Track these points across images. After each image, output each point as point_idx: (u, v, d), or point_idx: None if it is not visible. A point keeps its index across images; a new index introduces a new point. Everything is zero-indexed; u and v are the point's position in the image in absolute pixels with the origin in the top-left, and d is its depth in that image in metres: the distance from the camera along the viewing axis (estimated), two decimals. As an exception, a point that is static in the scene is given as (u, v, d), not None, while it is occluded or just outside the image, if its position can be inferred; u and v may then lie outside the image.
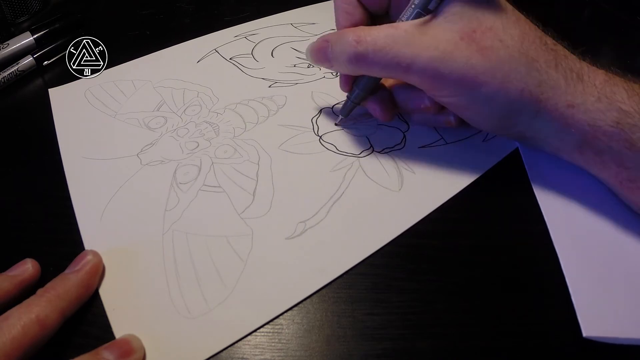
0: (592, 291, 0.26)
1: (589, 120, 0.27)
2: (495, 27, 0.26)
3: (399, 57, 0.27)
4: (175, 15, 0.47)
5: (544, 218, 0.29)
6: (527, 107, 0.27)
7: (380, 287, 0.26)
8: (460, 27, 0.26)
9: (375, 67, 0.28)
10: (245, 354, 0.23)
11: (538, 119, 0.28)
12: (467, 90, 0.27)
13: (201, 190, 0.30)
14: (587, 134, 0.27)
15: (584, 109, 0.27)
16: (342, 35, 0.29)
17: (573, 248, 0.28)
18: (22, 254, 0.25)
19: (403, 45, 0.27)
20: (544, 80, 0.27)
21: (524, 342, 0.24)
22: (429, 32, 0.27)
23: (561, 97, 0.27)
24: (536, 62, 0.27)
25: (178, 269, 0.26)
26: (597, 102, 0.26)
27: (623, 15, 0.49)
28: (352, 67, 0.29)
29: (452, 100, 0.29)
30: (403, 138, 0.34)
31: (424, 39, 0.27)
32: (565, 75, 0.27)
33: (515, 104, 0.27)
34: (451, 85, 0.27)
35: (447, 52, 0.26)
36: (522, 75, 0.26)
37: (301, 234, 0.28)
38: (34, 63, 0.40)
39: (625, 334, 0.24)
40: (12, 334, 0.21)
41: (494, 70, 0.26)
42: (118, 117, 0.35)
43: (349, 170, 0.32)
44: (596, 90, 0.27)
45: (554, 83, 0.27)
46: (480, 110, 0.28)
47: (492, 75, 0.26)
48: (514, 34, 0.27)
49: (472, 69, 0.26)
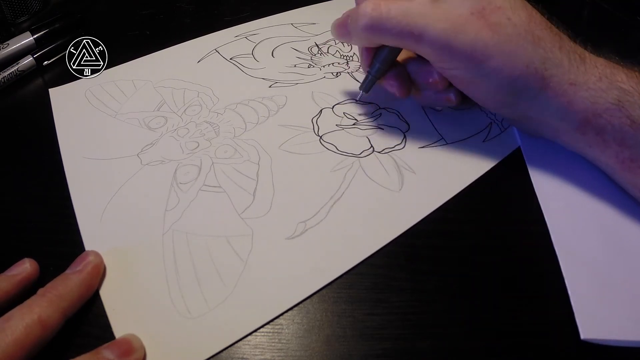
0: (590, 293, 0.26)
1: (591, 98, 0.27)
2: (503, 6, 0.28)
3: (412, 26, 0.28)
4: (175, 15, 0.47)
5: (544, 218, 0.29)
6: (531, 82, 0.28)
7: (380, 287, 0.26)
8: (471, 3, 0.28)
9: (389, 34, 0.29)
10: (245, 354, 0.23)
11: (541, 96, 0.28)
12: (476, 63, 0.28)
13: (201, 191, 0.30)
14: (588, 111, 0.28)
15: (585, 88, 0.28)
16: (360, 6, 0.30)
17: (573, 249, 0.28)
18: (22, 254, 0.25)
19: (416, 15, 0.28)
20: (549, 58, 0.28)
21: (523, 342, 0.24)
22: (441, 6, 0.28)
23: (564, 76, 0.28)
24: (542, 41, 0.28)
25: (178, 269, 0.26)
26: (599, 82, 0.28)
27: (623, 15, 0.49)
28: (368, 34, 0.30)
29: (460, 74, 0.30)
30: (403, 138, 0.34)
31: (437, 12, 0.28)
32: (568, 56, 0.28)
33: (520, 79, 0.28)
34: (460, 57, 0.28)
35: (458, 25, 0.27)
36: (528, 52, 0.27)
37: (301, 234, 0.28)
38: (34, 63, 0.40)
39: (623, 336, 0.24)
40: (15, 335, 0.21)
41: (501, 45, 0.27)
42: (118, 117, 0.35)
43: (349, 171, 0.32)
44: (597, 70, 0.28)
45: (558, 62, 0.28)
46: (486, 85, 0.29)
47: (500, 50, 0.27)
48: (521, 14, 0.28)
49: (482, 42, 0.27)
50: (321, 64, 0.41)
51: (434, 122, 0.35)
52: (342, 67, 0.40)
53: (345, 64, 0.41)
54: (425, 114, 0.36)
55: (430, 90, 0.33)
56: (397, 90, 0.33)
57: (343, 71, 0.40)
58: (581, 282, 0.26)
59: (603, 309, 0.25)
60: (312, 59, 0.41)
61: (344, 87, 0.38)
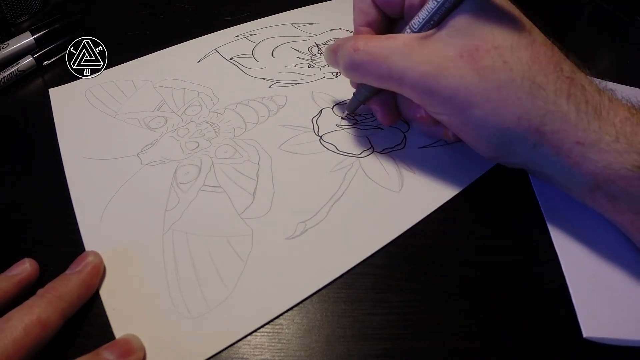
0: (592, 292, 0.26)
1: (603, 161, 0.24)
2: (502, 46, 0.24)
3: (392, 70, 0.26)
4: (175, 15, 0.47)
5: (544, 218, 0.29)
6: (524, 137, 0.25)
7: (380, 287, 0.26)
8: (463, 43, 0.25)
9: (369, 76, 0.28)
10: (245, 354, 0.23)
11: (539, 152, 0.25)
12: (459, 110, 0.26)
13: (201, 190, 0.30)
14: (599, 176, 0.24)
15: (597, 149, 0.24)
16: (345, 41, 0.29)
17: (573, 248, 0.28)
18: (22, 254, 0.25)
19: (398, 57, 0.26)
20: (550, 111, 0.24)
21: (524, 342, 0.24)
22: (428, 47, 0.26)
23: (570, 132, 0.24)
24: (543, 90, 0.24)
25: (178, 269, 0.26)
26: (615, 143, 0.23)
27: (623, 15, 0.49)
28: (349, 74, 0.30)
29: (445, 119, 0.28)
30: (403, 138, 0.34)
31: (420, 53, 0.26)
32: (578, 108, 0.24)
33: (510, 133, 0.25)
34: (443, 102, 0.26)
35: (441, 68, 0.25)
36: (522, 102, 0.24)
37: (301, 234, 0.28)
38: (34, 63, 0.40)
39: (625, 335, 0.24)
40: (14, 336, 0.21)
41: (489, 93, 0.24)
42: (118, 117, 0.35)
43: (349, 171, 0.32)
44: (614, 129, 0.24)
45: (562, 115, 0.24)
46: (474, 134, 0.27)
47: (487, 98, 0.24)
48: (522, 56, 0.24)
49: (465, 88, 0.25)
50: (321, 64, 0.41)
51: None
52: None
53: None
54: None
55: (422, 125, 0.32)
56: (381, 117, 0.32)
57: (343, 71, 0.40)
58: (582, 281, 0.26)
59: (605, 307, 0.25)
60: (312, 59, 0.41)
61: (344, 87, 0.38)
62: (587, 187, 0.25)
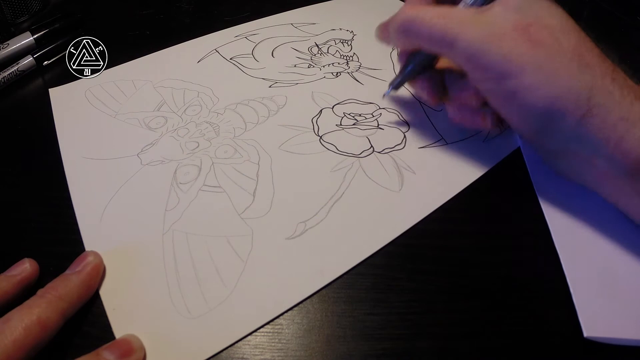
0: (593, 291, 0.26)
1: None
2: (552, 26, 0.26)
3: (446, 31, 0.27)
4: (175, 15, 0.47)
5: (544, 218, 0.29)
6: (574, 107, 0.25)
7: (380, 287, 0.26)
8: (517, 18, 0.26)
9: (422, 37, 0.28)
10: (245, 354, 0.23)
11: (584, 127, 0.25)
12: (509, 76, 0.26)
13: (201, 190, 0.30)
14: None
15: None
16: (402, 7, 0.30)
17: (574, 248, 0.28)
18: (22, 254, 0.26)
19: (454, 20, 0.27)
20: (597, 85, 0.24)
21: (524, 342, 0.24)
22: (484, 16, 0.27)
23: (615, 107, 0.24)
24: (591, 67, 0.25)
25: (178, 269, 0.26)
26: None
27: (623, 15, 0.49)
28: (401, 34, 0.30)
29: (493, 87, 0.27)
30: (403, 138, 0.34)
31: (476, 20, 0.27)
32: (622, 90, 0.24)
33: (560, 101, 0.25)
34: (493, 68, 0.26)
35: (496, 35, 0.26)
36: (573, 73, 0.25)
37: (301, 234, 0.28)
38: (34, 63, 0.40)
39: (626, 334, 0.24)
40: (14, 336, 0.21)
41: (541, 62, 0.25)
42: (118, 117, 0.35)
43: (349, 171, 0.32)
44: None
45: (608, 92, 0.24)
46: (521, 105, 0.26)
47: (539, 66, 0.25)
48: (571, 38, 0.25)
49: (519, 56, 0.25)
50: (321, 64, 0.41)
51: (434, 122, 0.35)
52: (342, 67, 0.40)
53: (345, 64, 0.41)
54: (425, 114, 0.36)
55: (464, 104, 0.31)
56: (428, 95, 0.32)
57: (343, 71, 0.40)
58: (583, 280, 0.26)
59: (606, 307, 0.25)
60: (312, 59, 0.41)
61: (344, 87, 0.38)
62: (631, 168, 0.25)
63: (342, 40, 0.43)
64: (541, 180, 0.31)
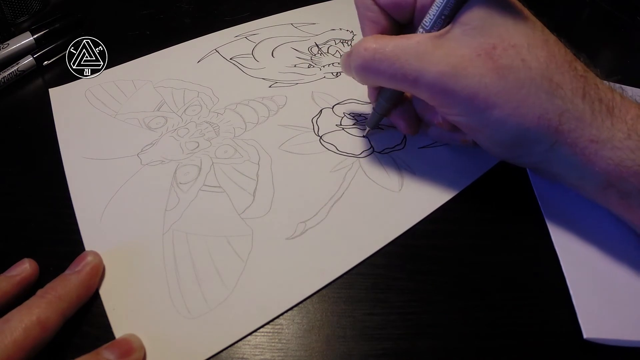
0: (592, 292, 0.26)
1: (616, 158, 0.24)
2: (519, 44, 0.24)
3: (406, 69, 0.26)
4: (175, 15, 0.47)
5: (544, 218, 0.29)
6: (543, 137, 0.25)
7: (380, 287, 0.26)
8: (480, 42, 0.24)
9: (382, 76, 0.27)
10: (245, 354, 0.23)
11: (555, 151, 0.25)
12: (478, 111, 0.25)
13: (201, 190, 0.30)
14: (611, 173, 0.24)
15: (610, 146, 0.24)
16: (357, 43, 0.28)
17: (573, 249, 0.28)
18: (22, 254, 0.25)
19: (412, 56, 0.25)
20: (568, 109, 0.24)
21: (524, 342, 0.24)
22: (443, 46, 0.25)
23: (585, 131, 0.24)
24: (561, 89, 0.24)
25: (178, 269, 0.26)
26: (627, 140, 0.24)
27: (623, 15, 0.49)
28: (361, 75, 0.28)
29: (463, 120, 0.27)
30: (403, 138, 0.34)
31: (436, 53, 0.25)
32: (592, 107, 0.24)
33: (530, 132, 0.25)
34: (461, 104, 0.25)
35: (460, 68, 0.24)
36: (542, 102, 0.24)
37: (301, 234, 0.28)
38: (34, 63, 0.40)
39: (626, 335, 0.24)
40: (14, 337, 0.21)
41: (509, 93, 0.24)
42: (118, 117, 0.35)
43: (349, 171, 0.32)
44: (626, 126, 0.24)
45: (579, 114, 0.24)
46: (492, 135, 0.26)
47: (507, 98, 0.24)
48: (540, 55, 0.24)
49: (485, 88, 0.24)
50: (321, 64, 0.41)
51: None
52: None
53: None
54: (425, 114, 0.36)
55: (440, 131, 0.31)
56: (404, 128, 0.32)
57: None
58: (583, 282, 0.26)
59: (606, 308, 0.25)
60: (312, 59, 0.41)
61: (344, 87, 0.38)
62: (600, 185, 0.25)
63: (342, 40, 0.43)
64: (541, 181, 0.31)
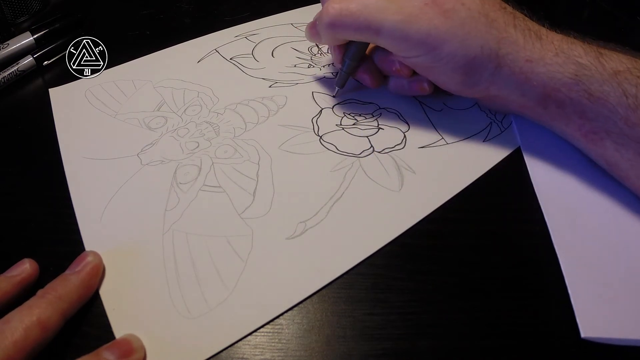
0: (590, 292, 0.26)
1: (548, 73, 0.29)
2: None
3: (370, 21, 0.30)
4: (175, 15, 0.47)
5: (544, 218, 0.29)
6: (487, 62, 0.30)
7: (380, 287, 0.26)
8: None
9: (350, 29, 0.31)
10: (245, 354, 0.23)
11: (499, 74, 0.30)
12: (431, 49, 0.30)
13: (201, 190, 0.30)
14: (547, 86, 0.29)
15: (542, 63, 0.29)
16: (324, 6, 0.32)
17: (573, 248, 0.28)
18: (22, 254, 0.25)
19: (373, 10, 0.30)
20: (503, 37, 0.29)
21: (524, 342, 0.24)
22: (397, 2, 0.30)
23: (520, 53, 0.29)
24: (495, 21, 0.29)
25: (178, 269, 0.26)
26: (555, 57, 0.29)
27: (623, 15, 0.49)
28: (331, 31, 0.32)
29: (419, 61, 0.31)
30: (403, 138, 0.34)
31: (392, 6, 0.30)
32: (524, 34, 0.30)
33: (476, 60, 0.30)
34: (417, 45, 0.30)
35: (413, 15, 0.29)
36: (482, 33, 0.29)
37: (301, 234, 0.28)
38: (34, 63, 0.40)
39: (623, 334, 0.24)
40: (14, 337, 0.21)
41: (455, 29, 0.29)
42: (118, 117, 0.35)
43: (349, 170, 0.32)
44: (554, 46, 0.29)
45: (512, 40, 0.29)
46: (444, 69, 0.31)
47: (454, 34, 0.29)
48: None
49: (435, 29, 0.29)
50: (321, 64, 0.41)
51: (434, 122, 0.35)
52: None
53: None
54: (425, 114, 0.36)
55: (399, 78, 0.35)
56: (369, 82, 0.36)
57: (343, 71, 0.40)
58: (581, 281, 0.26)
59: (603, 307, 0.25)
60: (312, 59, 0.41)
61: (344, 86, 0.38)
62: (540, 98, 0.30)
63: (342, 40, 0.43)
64: (541, 180, 0.31)
